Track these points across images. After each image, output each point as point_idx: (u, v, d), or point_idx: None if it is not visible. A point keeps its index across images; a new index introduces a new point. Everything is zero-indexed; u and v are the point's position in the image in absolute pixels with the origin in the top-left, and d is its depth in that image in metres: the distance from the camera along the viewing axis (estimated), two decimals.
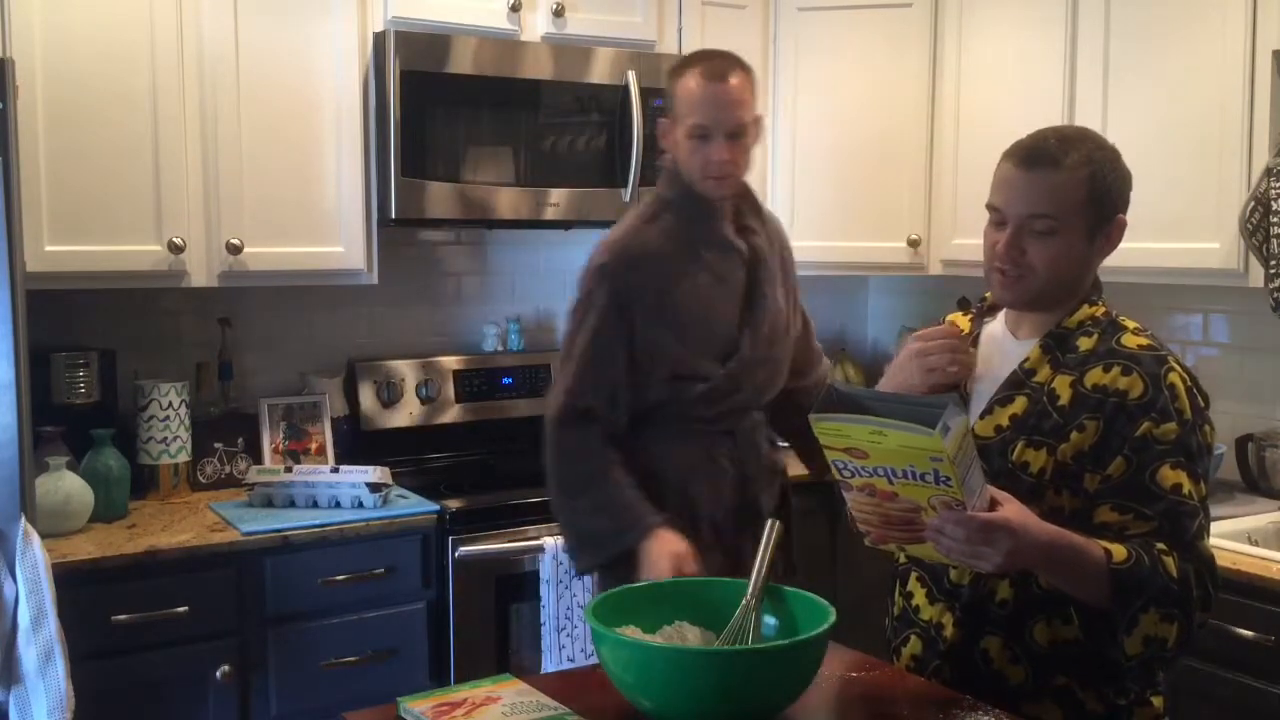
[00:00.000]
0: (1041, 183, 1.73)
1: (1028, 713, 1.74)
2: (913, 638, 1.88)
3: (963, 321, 1.97)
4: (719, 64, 2.33)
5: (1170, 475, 1.68)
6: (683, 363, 2.35)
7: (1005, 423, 1.78)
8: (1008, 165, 1.77)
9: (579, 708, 1.61)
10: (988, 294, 1.93)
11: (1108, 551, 1.63)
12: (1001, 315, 1.91)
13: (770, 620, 1.71)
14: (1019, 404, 1.78)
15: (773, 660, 1.54)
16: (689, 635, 1.70)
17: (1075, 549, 1.63)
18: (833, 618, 1.60)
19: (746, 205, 2.46)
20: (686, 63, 2.38)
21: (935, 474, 1.53)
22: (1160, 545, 1.65)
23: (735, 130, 2.31)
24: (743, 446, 2.44)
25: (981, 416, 1.80)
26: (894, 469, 1.56)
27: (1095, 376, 1.74)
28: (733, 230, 2.41)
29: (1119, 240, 1.80)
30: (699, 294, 2.36)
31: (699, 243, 2.38)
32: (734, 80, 2.32)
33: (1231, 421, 3.07)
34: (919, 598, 1.88)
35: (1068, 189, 1.72)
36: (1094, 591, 1.64)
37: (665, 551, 2.22)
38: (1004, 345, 1.87)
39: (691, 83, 2.32)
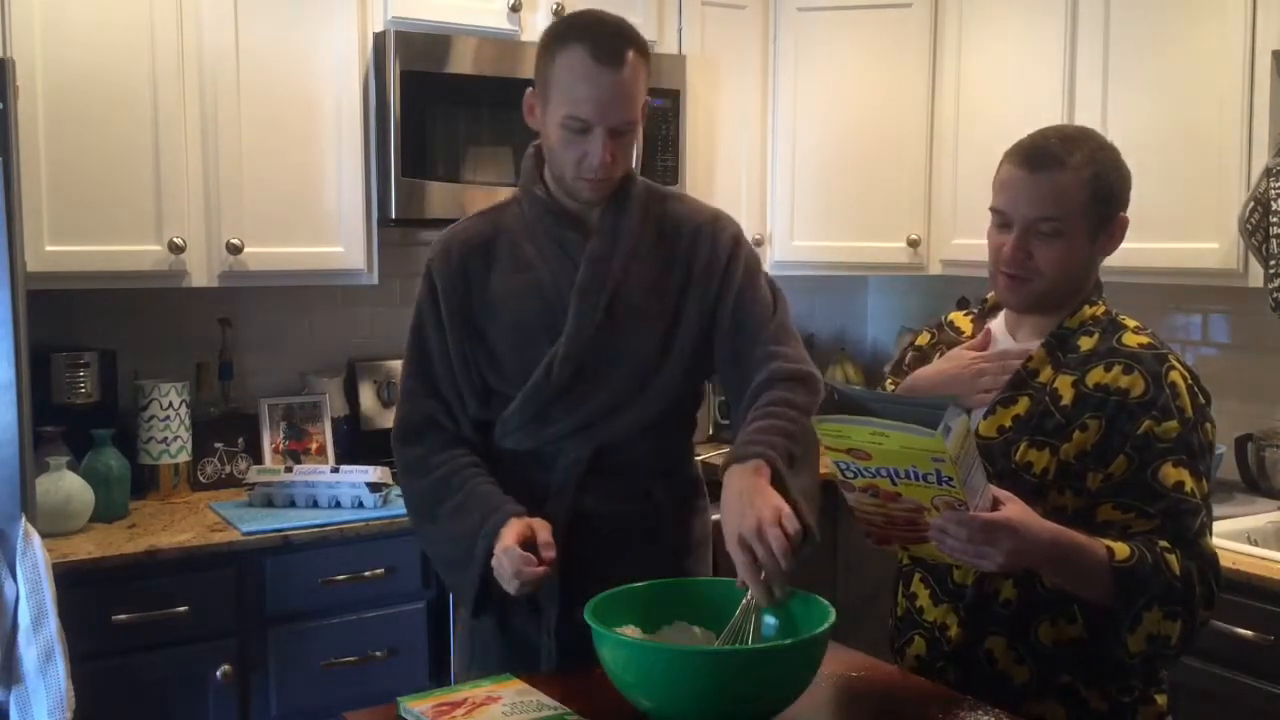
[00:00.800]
0: (1046, 185, 1.72)
1: (1032, 712, 1.74)
2: (916, 639, 1.88)
3: (963, 322, 1.98)
4: (611, 42, 1.85)
5: (1172, 473, 1.68)
6: (490, 378, 1.99)
7: (1008, 423, 1.78)
8: (1010, 167, 1.77)
9: (579, 708, 1.61)
10: (989, 295, 1.93)
11: (1110, 550, 1.63)
12: (1001, 316, 1.91)
13: (770, 620, 1.71)
14: (1021, 404, 1.78)
15: (773, 660, 1.54)
16: (689, 635, 1.70)
17: (1078, 547, 1.63)
18: (832, 617, 1.59)
19: (620, 197, 1.97)
20: (569, 32, 1.87)
21: (937, 474, 1.53)
22: (1163, 543, 1.65)
23: (622, 127, 1.88)
24: (554, 493, 1.96)
25: (985, 417, 1.80)
26: (896, 470, 1.56)
27: (1097, 375, 1.74)
28: (584, 231, 1.96)
29: (1121, 239, 1.81)
30: (511, 302, 1.96)
31: (531, 241, 1.97)
32: (629, 63, 1.85)
33: (1231, 421, 3.06)
34: (923, 599, 1.88)
35: (1072, 190, 1.72)
36: (1097, 590, 1.64)
37: (513, 525, 1.84)
38: (1004, 347, 1.86)
39: (576, 62, 1.84)
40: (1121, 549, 1.63)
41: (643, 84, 1.90)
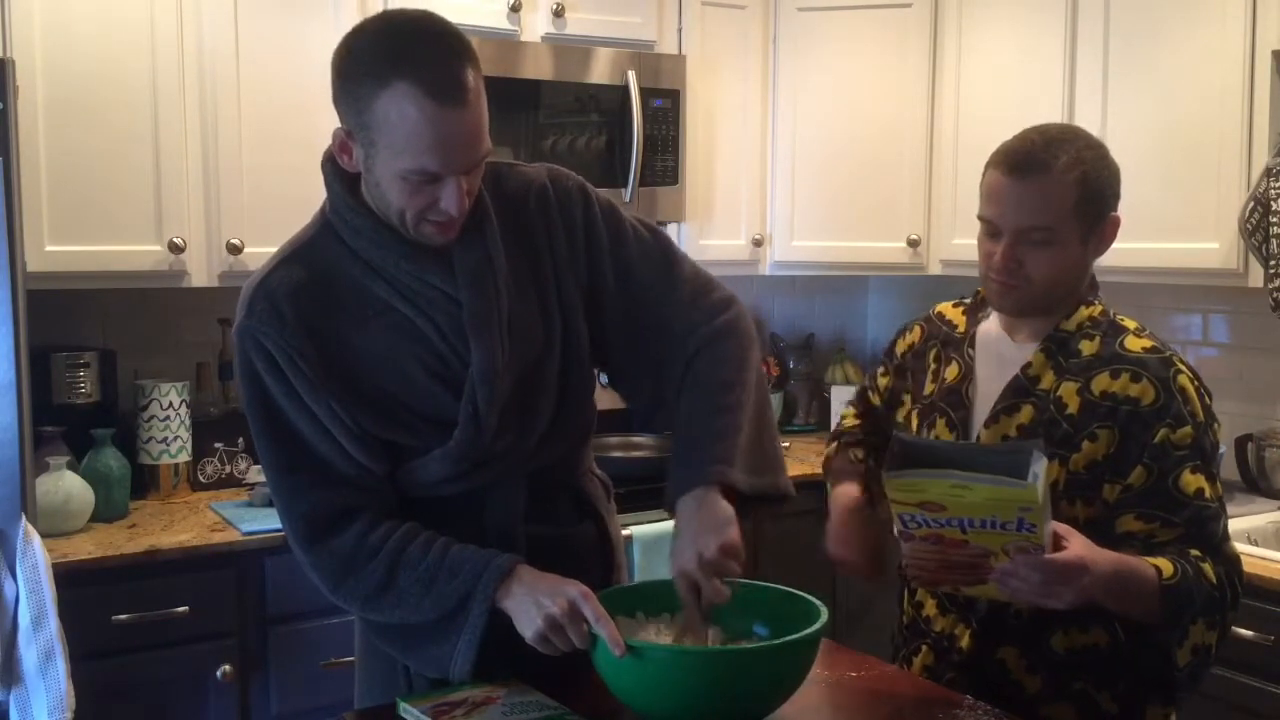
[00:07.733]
0: (1034, 192, 1.68)
1: (1043, 715, 1.73)
2: (924, 648, 1.87)
3: (953, 313, 1.95)
4: (447, 70, 1.52)
5: (1191, 480, 1.67)
6: (390, 436, 1.69)
7: (1013, 433, 1.75)
8: (996, 174, 1.72)
9: (579, 708, 1.61)
10: (980, 289, 1.91)
11: (1157, 569, 1.61)
12: (995, 316, 1.88)
13: (761, 630, 1.70)
14: (1025, 413, 1.75)
15: (764, 660, 1.54)
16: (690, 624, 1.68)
17: (1133, 571, 1.60)
18: (824, 617, 1.59)
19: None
20: (390, 65, 1.51)
21: (1019, 522, 1.49)
22: (1195, 552, 1.64)
23: (474, 166, 1.60)
24: (493, 523, 1.74)
25: (987, 425, 1.77)
26: (971, 520, 1.52)
27: (1103, 383, 1.72)
28: (440, 254, 1.66)
29: (1113, 239, 1.78)
30: (382, 353, 1.66)
31: (377, 278, 1.67)
32: (471, 88, 1.53)
33: (1231, 421, 3.06)
34: (929, 608, 1.86)
35: (1060, 195, 1.68)
36: (1145, 609, 1.62)
37: (555, 589, 1.58)
38: (1001, 348, 1.84)
39: (410, 107, 1.51)
40: (1166, 566, 1.61)
41: (484, 97, 1.57)
